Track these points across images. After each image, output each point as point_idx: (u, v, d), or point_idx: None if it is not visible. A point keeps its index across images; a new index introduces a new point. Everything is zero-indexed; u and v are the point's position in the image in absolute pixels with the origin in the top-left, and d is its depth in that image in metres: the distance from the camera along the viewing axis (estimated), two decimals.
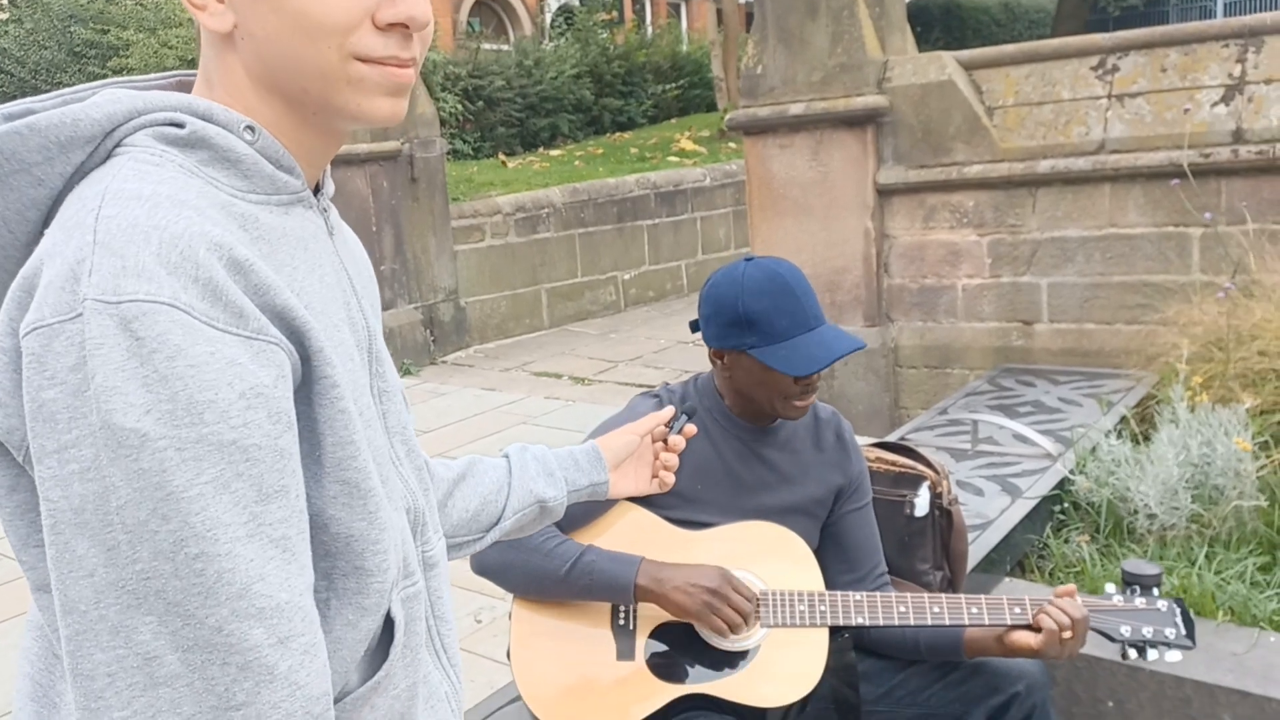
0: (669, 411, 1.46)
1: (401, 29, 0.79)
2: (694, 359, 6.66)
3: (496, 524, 1.21)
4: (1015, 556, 3.07)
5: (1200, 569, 2.79)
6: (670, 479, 1.43)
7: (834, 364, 1.89)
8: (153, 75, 0.86)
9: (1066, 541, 3.14)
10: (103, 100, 0.75)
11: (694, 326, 1.96)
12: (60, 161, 0.73)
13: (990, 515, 3.09)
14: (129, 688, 0.65)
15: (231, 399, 0.67)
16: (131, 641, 0.65)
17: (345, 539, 0.78)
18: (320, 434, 0.76)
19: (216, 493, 0.66)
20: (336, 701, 0.80)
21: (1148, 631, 1.82)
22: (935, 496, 2.33)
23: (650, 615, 1.81)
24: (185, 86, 0.85)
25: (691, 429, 1.45)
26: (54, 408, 0.65)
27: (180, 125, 0.75)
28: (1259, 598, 2.70)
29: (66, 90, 0.80)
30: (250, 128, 0.78)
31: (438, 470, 1.16)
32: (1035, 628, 1.77)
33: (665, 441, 1.44)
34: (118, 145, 0.75)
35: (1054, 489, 3.29)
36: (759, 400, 1.87)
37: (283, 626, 0.68)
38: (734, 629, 1.75)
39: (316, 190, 0.87)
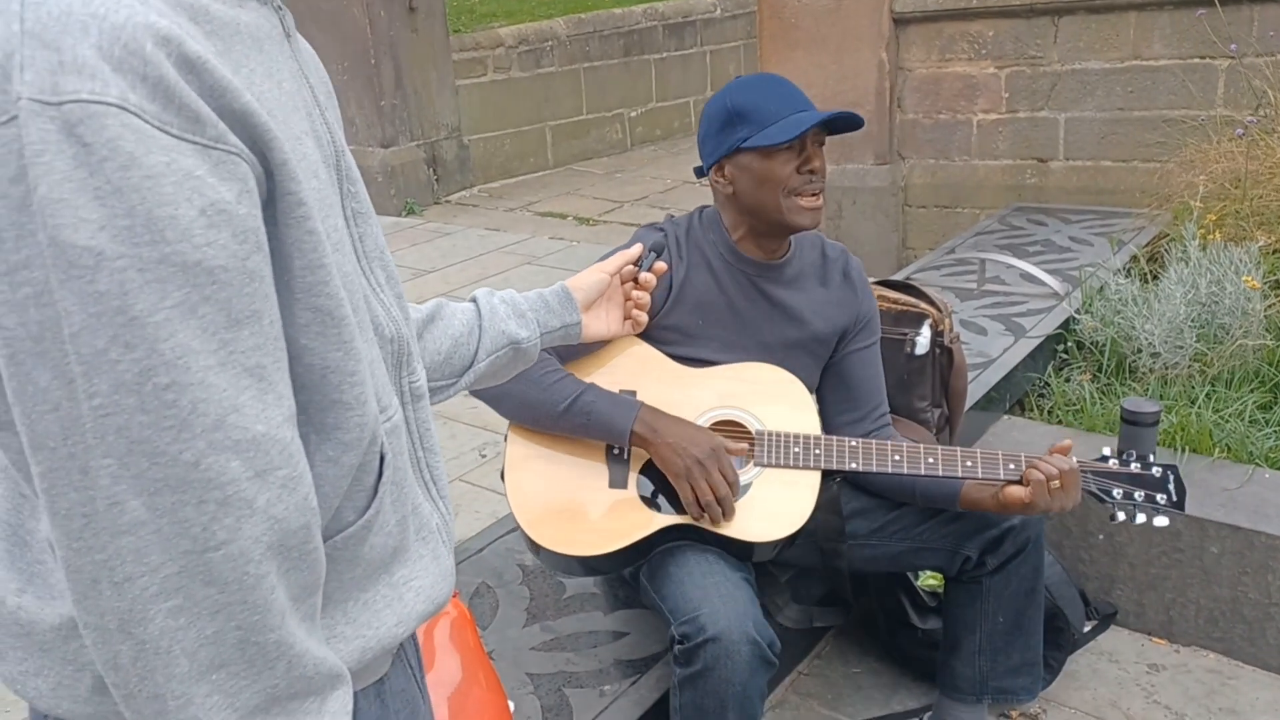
0: (638, 249, 1.43)
1: None
2: (700, 198, 6.54)
3: (470, 367, 1.17)
4: (1015, 395, 3.08)
5: (1200, 407, 2.79)
6: (643, 319, 1.41)
7: (834, 131, 1.79)
8: None
9: (1068, 380, 3.14)
10: None
11: (699, 172, 1.91)
12: None
13: (993, 354, 3.08)
14: (105, 530, 0.62)
15: (192, 216, 0.60)
16: (96, 485, 0.61)
17: (320, 370, 0.73)
18: (288, 257, 0.70)
19: (184, 318, 0.60)
20: (331, 539, 0.78)
21: (1139, 495, 1.84)
22: (937, 335, 2.32)
23: None
24: None
25: (661, 266, 1.42)
26: None
27: None
28: (1257, 435, 2.71)
29: None
30: None
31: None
32: (1026, 483, 1.78)
33: (636, 280, 1.40)
34: None
35: (1058, 328, 3.26)
36: (766, 207, 1.80)
37: (260, 459, 0.65)
38: (706, 505, 1.73)
39: None
